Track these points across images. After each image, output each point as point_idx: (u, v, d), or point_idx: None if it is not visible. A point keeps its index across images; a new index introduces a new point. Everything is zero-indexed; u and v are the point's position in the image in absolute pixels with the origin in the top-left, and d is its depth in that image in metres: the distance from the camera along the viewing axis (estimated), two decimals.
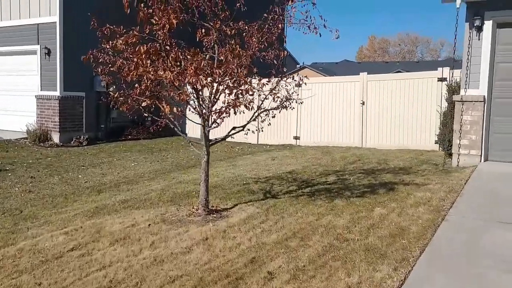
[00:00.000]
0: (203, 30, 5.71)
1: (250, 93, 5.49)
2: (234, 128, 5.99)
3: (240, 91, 5.45)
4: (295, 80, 6.23)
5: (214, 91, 5.62)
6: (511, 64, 8.19)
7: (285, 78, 6.20)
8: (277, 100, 5.98)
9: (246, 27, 5.95)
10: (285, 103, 5.98)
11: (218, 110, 5.50)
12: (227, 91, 5.50)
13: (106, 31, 5.14)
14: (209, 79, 5.36)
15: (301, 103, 6.28)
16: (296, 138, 13.50)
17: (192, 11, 5.73)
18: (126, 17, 5.29)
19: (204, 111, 5.68)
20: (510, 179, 7.10)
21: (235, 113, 5.46)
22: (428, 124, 11.50)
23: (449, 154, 9.54)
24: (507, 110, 8.26)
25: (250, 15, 5.98)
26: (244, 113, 5.71)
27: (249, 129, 6.12)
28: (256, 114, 5.92)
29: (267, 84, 6.04)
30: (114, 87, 6.14)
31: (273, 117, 5.95)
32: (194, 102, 5.70)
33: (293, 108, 6.21)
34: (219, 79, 5.36)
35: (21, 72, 14.05)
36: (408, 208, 5.83)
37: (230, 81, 5.44)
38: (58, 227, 5.66)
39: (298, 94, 6.19)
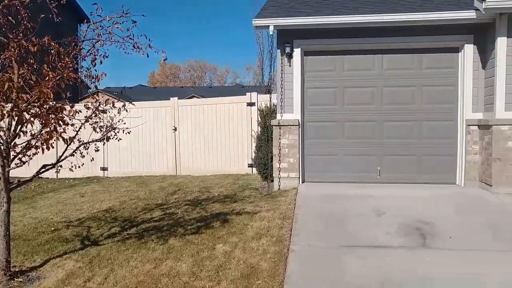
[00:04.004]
0: None
1: (67, 122, 4.46)
2: (44, 166, 4.80)
3: (54, 120, 4.36)
4: (115, 107, 5.39)
5: (16, 121, 4.39)
6: (318, 89, 8.73)
7: (103, 105, 5.30)
8: (99, 131, 5.03)
9: (53, 43, 4.89)
10: (109, 133, 5.07)
11: (27, 145, 4.30)
12: (36, 121, 4.35)
13: None
14: (9, 105, 4.17)
15: (129, 132, 5.43)
16: (104, 169, 12.22)
17: None
18: None
19: (3, 147, 4.39)
20: (330, 199, 7.41)
21: (48, 148, 4.33)
22: (241, 148, 11.61)
23: (265, 177, 9.71)
24: (317, 133, 8.76)
25: (52, 31, 4.95)
26: (52, 147, 4.60)
27: (61, 166, 5.02)
28: (75, 147, 4.87)
29: (80, 112, 5.03)
30: None
31: (97, 150, 4.97)
32: None
33: (120, 139, 5.32)
34: (23, 106, 4.20)
35: None
36: (251, 242, 5.48)
37: (40, 109, 4.30)
38: None
39: (125, 123, 5.33)
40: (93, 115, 5.21)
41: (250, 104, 11.52)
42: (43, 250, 5.52)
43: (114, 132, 5.15)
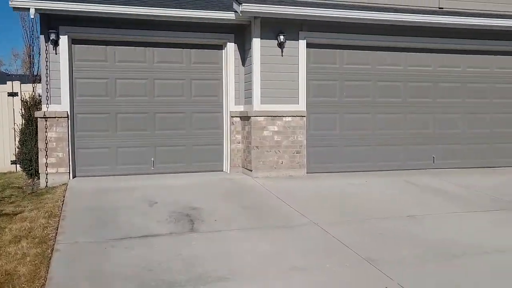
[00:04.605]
0: None
1: None
2: None
3: None
4: None
5: None
6: (88, 80, 8.40)
7: None
8: None
9: None
10: None
11: None
12: None
13: None
14: None
15: None
16: None
17: None
18: None
19: None
20: (102, 193, 7.24)
21: None
22: (1, 143, 10.42)
23: (31, 174, 8.95)
24: (89, 125, 8.43)
25: None
26: None
27: None
28: None
29: None
30: None
31: None
32: None
33: None
34: None
35: None
36: (8, 246, 4.99)
37: None
38: None
39: None
40: None
41: (12, 94, 10.46)
42: None
43: None
